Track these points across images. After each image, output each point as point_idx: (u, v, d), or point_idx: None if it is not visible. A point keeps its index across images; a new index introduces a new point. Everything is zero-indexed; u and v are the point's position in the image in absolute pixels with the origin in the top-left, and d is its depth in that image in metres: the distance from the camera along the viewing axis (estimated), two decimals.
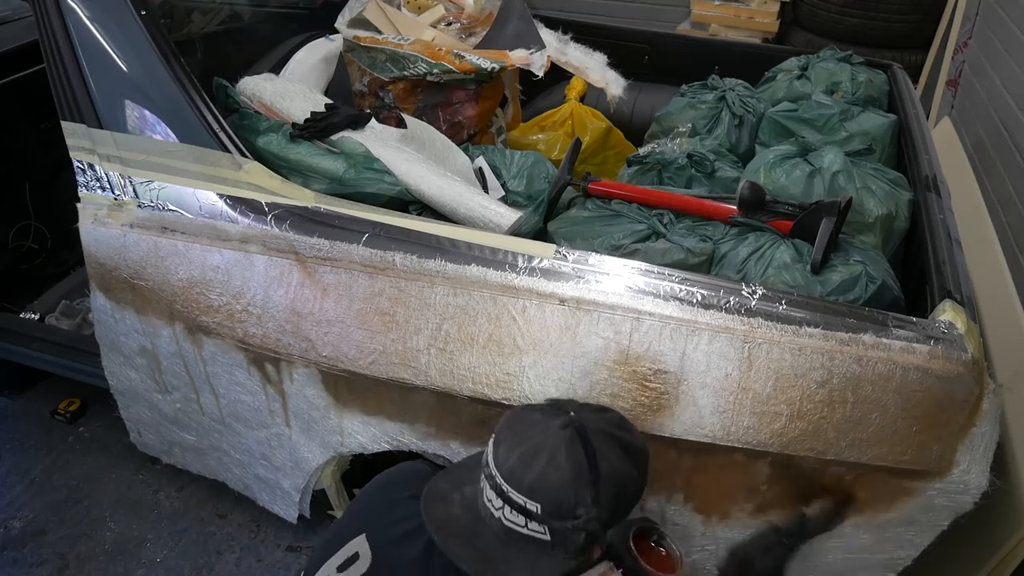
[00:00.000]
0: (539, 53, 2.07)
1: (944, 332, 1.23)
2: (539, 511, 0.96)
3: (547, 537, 0.98)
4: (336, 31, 2.19)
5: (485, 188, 1.78)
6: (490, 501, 1.00)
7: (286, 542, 2.08)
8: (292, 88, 1.78)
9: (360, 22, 2.17)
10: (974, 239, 1.91)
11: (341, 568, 1.11)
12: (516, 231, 1.53)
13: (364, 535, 1.13)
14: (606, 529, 1.01)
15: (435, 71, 1.96)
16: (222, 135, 1.50)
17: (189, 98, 1.50)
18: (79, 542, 2.08)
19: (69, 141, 1.57)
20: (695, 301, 1.27)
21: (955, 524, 1.33)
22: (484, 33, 2.23)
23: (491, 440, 1.04)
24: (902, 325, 1.24)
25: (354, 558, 1.12)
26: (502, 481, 0.98)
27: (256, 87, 1.76)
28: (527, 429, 1.01)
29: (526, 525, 0.97)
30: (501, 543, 1.00)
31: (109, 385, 1.85)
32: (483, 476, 1.02)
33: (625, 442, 1.03)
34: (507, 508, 0.98)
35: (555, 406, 1.06)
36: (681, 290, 1.28)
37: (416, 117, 1.96)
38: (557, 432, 0.99)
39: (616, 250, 1.55)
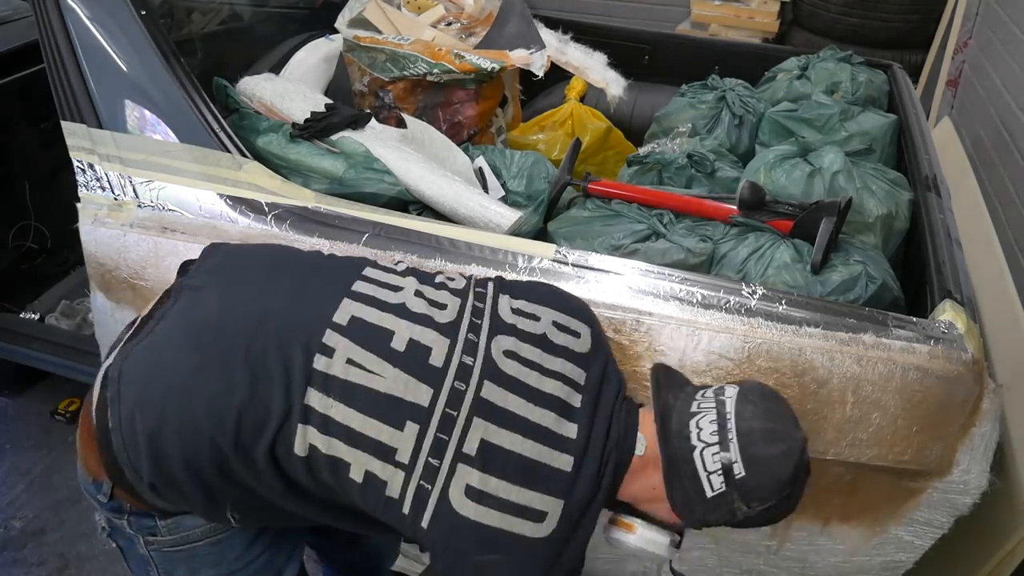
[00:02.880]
0: (539, 53, 2.07)
1: (944, 332, 1.23)
2: (739, 478, 0.96)
3: (711, 494, 0.97)
4: (336, 31, 2.19)
5: (485, 188, 1.78)
6: (700, 429, 0.99)
7: None
8: (292, 88, 1.78)
9: (360, 22, 2.17)
10: (974, 239, 1.91)
11: (559, 327, 1.10)
12: (516, 231, 1.53)
13: (591, 331, 1.13)
14: (735, 527, 1.02)
15: (435, 71, 1.96)
16: (222, 135, 1.50)
17: (189, 98, 1.50)
18: (79, 542, 2.08)
19: (69, 141, 1.57)
20: (695, 301, 1.27)
21: (955, 524, 1.33)
22: (484, 33, 2.23)
23: (734, 389, 1.03)
24: (902, 325, 1.24)
25: (576, 334, 1.11)
26: (733, 431, 0.97)
27: (256, 87, 1.76)
28: (780, 415, 1.01)
29: (712, 473, 0.97)
30: (672, 464, 1.00)
31: None
32: (706, 407, 1.01)
33: (803, 488, 1.04)
34: (715, 449, 0.97)
35: (798, 421, 1.05)
36: (681, 290, 1.28)
37: (416, 117, 1.96)
38: (799, 440, 0.99)
39: (616, 250, 1.55)
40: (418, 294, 1.08)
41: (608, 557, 1.53)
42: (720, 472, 0.97)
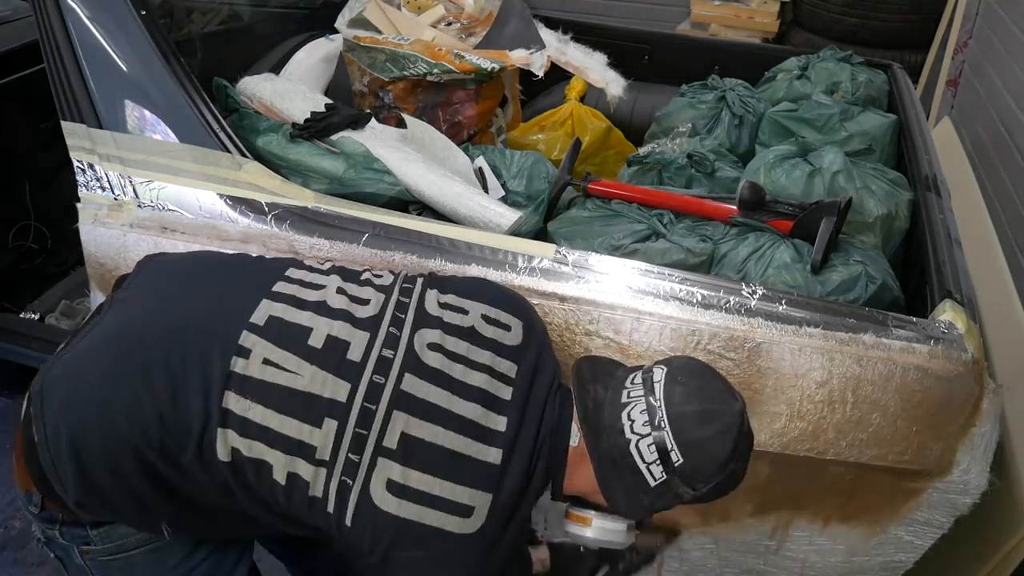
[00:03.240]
0: (539, 53, 2.07)
1: (944, 332, 1.23)
2: (678, 464, 0.96)
3: (653, 484, 0.97)
4: (336, 31, 2.19)
5: (485, 188, 1.78)
6: (632, 421, 0.98)
7: None
8: (292, 88, 1.78)
9: (360, 22, 2.17)
10: (974, 239, 1.91)
11: (489, 321, 1.09)
12: (516, 231, 1.53)
13: (523, 325, 1.12)
14: (688, 504, 1.02)
15: (435, 71, 1.96)
16: (222, 135, 1.50)
17: (189, 98, 1.50)
18: None
19: (69, 141, 1.57)
20: (695, 301, 1.27)
21: (955, 524, 1.33)
22: (484, 33, 2.23)
23: (662, 371, 1.01)
24: (902, 325, 1.24)
25: (506, 327, 1.10)
26: (665, 419, 0.96)
27: (256, 87, 1.76)
28: (712, 392, 1.00)
29: (651, 464, 0.96)
30: (611, 460, 0.99)
31: None
32: (635, 396, 1.00)
33: (749, 457, 1.04)
34: (648, 440, 0.96)
35: (733, 390, 1.04)
36: (681, 290, 1.28)
37: (416, 117, 1.96)
38: (737, 414, 0.99)
39: (616, 250, 1.55)
40: (340, 291, 1.08)
41: None
42: (658, 462, 0.96)
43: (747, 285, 1.29)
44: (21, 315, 2.32)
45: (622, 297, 1.28)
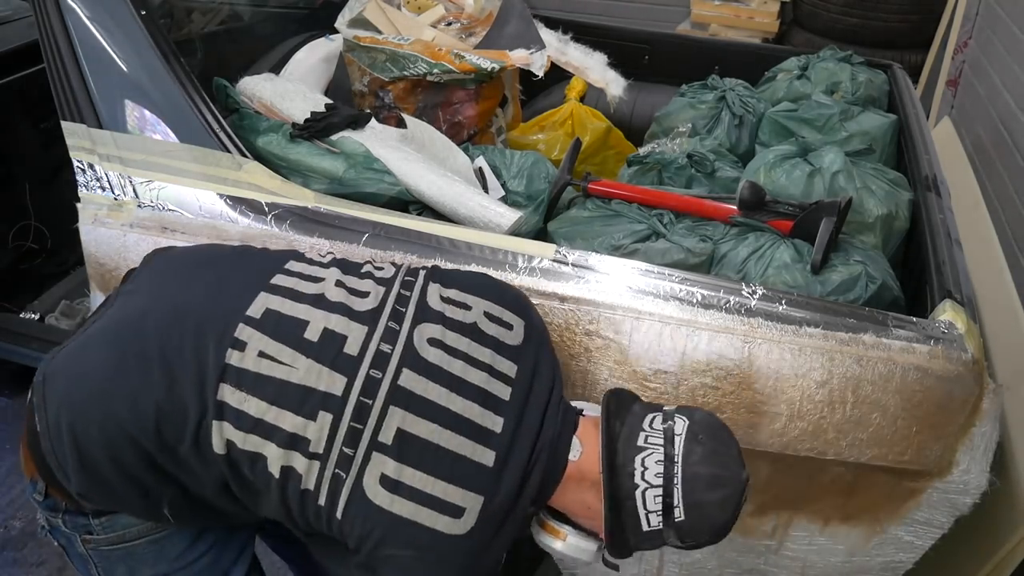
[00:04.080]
0: (539, 53, 2.07)
1: (944, 332, 1.23)
2: (678, 521, 0.96)
3: (647, 529, 0.98)
4: (336, 31, 2.19)
5: (485, 188, 1.78)
6: (644, 469, 0.98)
7: None
8: (292, 88, 1.78)
9: (360, 22, 2.17)
10: (974, 239, 1.91)
11: (491, 318, 1.08)
12: (516, 231, 1.53)
13: (524, 324, 1.11)
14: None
15: (435, 71, 1.96)
16: (222, 135, 1.50)
17: (189, 98, 1.50)
18: None
19: (69, 141, 1.57)
20: (695, 301, 1.27)
21: (955, 524, 1.33)
22: (484, 33, 2.23)
23: (684, 424, 1.00)
24: (902, 325, 1.24)
25: (508, 326, 1.09)
26: (679, 477, 0.96)
27: (256, 87, 1.76)
28: (726, 457, 1.00)
29: (651, 512, 0.97)
30: (614, 502, 0.99)
31: None
32: (653, 444, 0.99)
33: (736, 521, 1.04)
34: (657, 492, 0.96)
35: (742, 457, 1.03)
36: (681, 290, 1.28)
37: (416, 117, 1.96)
38: (740, 484, 0.99)
39: (616, 250, 1.55)
40: (339, 284, 1.07)
41: None
42: (659, 513, 0.97)
43: (747, 285, 1.29)
44: (21, 315, 2.32)
45: (622, 297, 1.28)
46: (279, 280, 1.07)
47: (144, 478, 0.99)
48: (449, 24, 2.27)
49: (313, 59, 2.19)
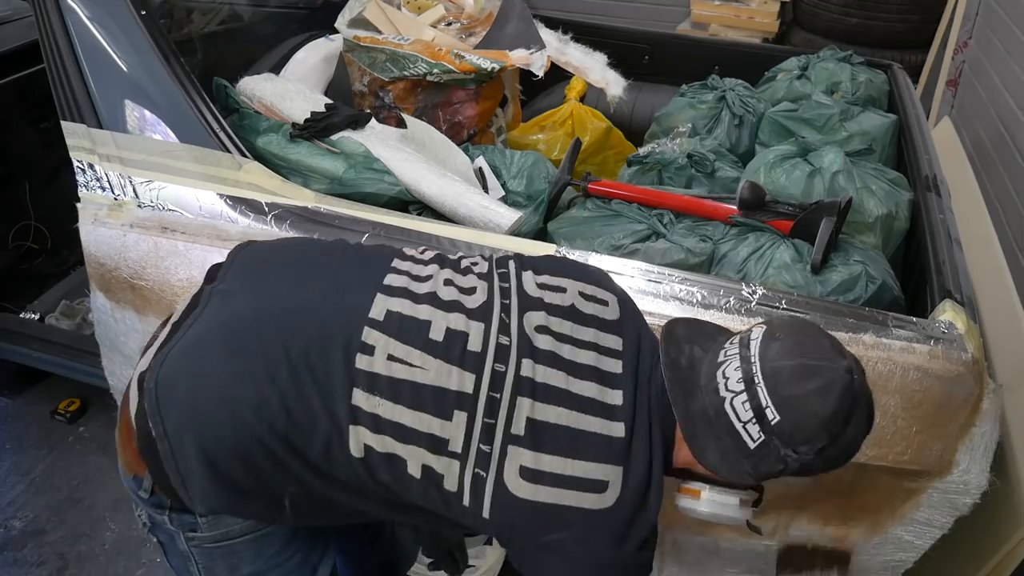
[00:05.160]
0: (539, 53, 2.07)
1: (944, 332, 1.23)
2: (774, 423, 0.91)
3: (753, 445, 0.93)
4: (336, 31, 2.19)
5: (485, 188, 1.78)
6: (726, 379, 0.95)
7: None
8: (292, 88, 1.78)
9: (360, 22, 2.17)
10: (974, 239, 1.91)
11: (586, 297, 1.08)
12: (516, 231, 1.53)
13: (618, 298, 1.11)
14: (801, 475, 0.98)
15: (435, 71, 1.96)
16: (222, 135, 1.51)
17: (189, 98, 1.50)
18: (79, 542, 2.08)
19: (69, 141, 1.57)
20: (695, 301, 1.27)
21: (955, 524, 1.33)
22: (484, 33, 2.23)
23: (761, 329, 0.97)
24: (902, 325, 1.24)
25: (603, 303, 1.09)
26: (759, 374, 0.92)
27: (256, 87, 1.76)
28: (815, 347, 0.95)
29: (747, 423, 0.93)
30: (706, 419, 0.96)
31: (109, 385, 1.85)
32: (731, 354, 0.96)
33: (872, 418, 0.99)
34: (743, 398, 0.93)
35: (841, 348, 0.98)
36: (681, 290, 1.28)
37: (416, 117, 1.96)
38: (843, 373, 0.92)
39: (616, 250, 1.55)
40: (447, 282, 1.08)
41: None
42: (754, 420, 0.92)
43: (747, 285, 1.29)
44: (21, 315, 2.32)
45: None
46: (391, 280, 1.07)
47: (273, 481, 1.00)
48: (449, 24, 2.27)
49: (313, 59, 2.19)
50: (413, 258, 1.13)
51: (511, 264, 1.13)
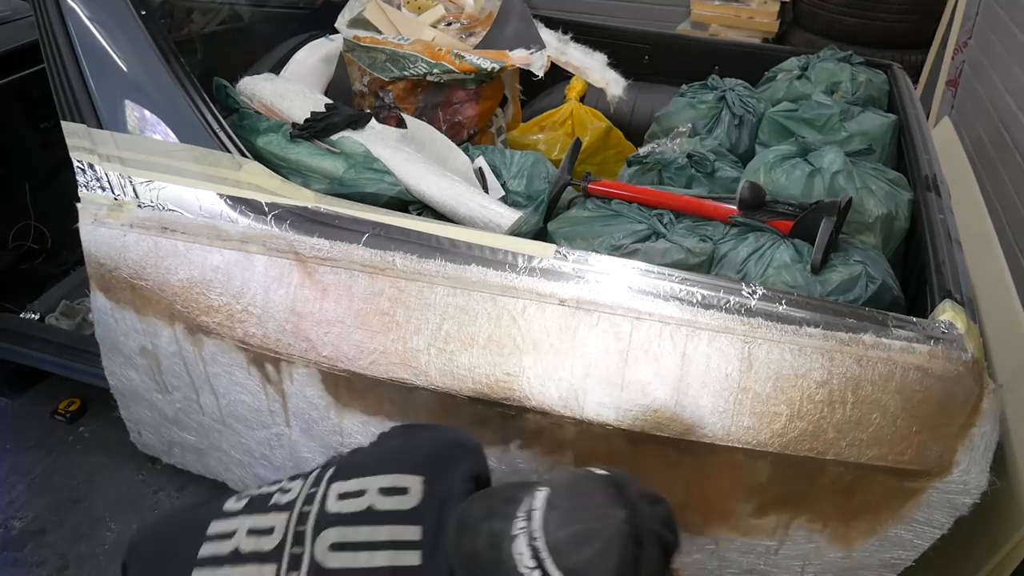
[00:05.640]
0: (539, 53, 2.07)
1: (944, 332, 1.23)
2: None
3: None
4: (336, 31, 2.19)
5: (485, 188, 1.78)
6: (520, 555, 0.96)
7: None
8: (292, 88, 1.78)
9: (360, 22, 2.17)
10: (974, 239, 1.91)
11: (386, 492, 1.09)
12: (516, 231, 1.53)
13: (422, 479, 1.11)
14: None
15: (435, 71, 1.96)
16: (222, 135, 1.50)
17: (189, 98, 1.50)
18: (79, 542, 2.08)
19: (69, 141, 1.57)
20: (695, 301, 1.27)
21: (955, 524, 1.33)
22: (484, 33, 2.23)
23: (543, 496, 0.98)
24: (902, 325, 1.24)
25: (402, 491, 1.09)
26: (543, 548, 0.94)
27: (256, 87, 1.76)
28: (587, 508, 0.97)
29: None
30: None
31: (109, 385, 1.85)
32: (520, 528, 0.97)
33: (667, 544, 1.00)
34: (538, 573, 0.94)
35: (617, 488, 0.99)
36: (681, 290, 1.28)
37: (416, 117, 1.96)
38: (617, 525, 0.94)
39: (616, 250, 1.55)
40: (250, 531, 1.11)
41: None
42: None
43: (747, 285, 1.29)
44: (21, 315, 2.32)
45: (622, 297, 1.28)
46: (204, 551, 1.12)
47: None
48: (449, 24, 2.27)
49: (313, 59, 2.19)
50: (228, 513, 1.17)
51: (324, 479, 1.15)
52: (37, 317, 2.30)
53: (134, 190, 1.55)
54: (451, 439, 1.23)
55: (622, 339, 1.28)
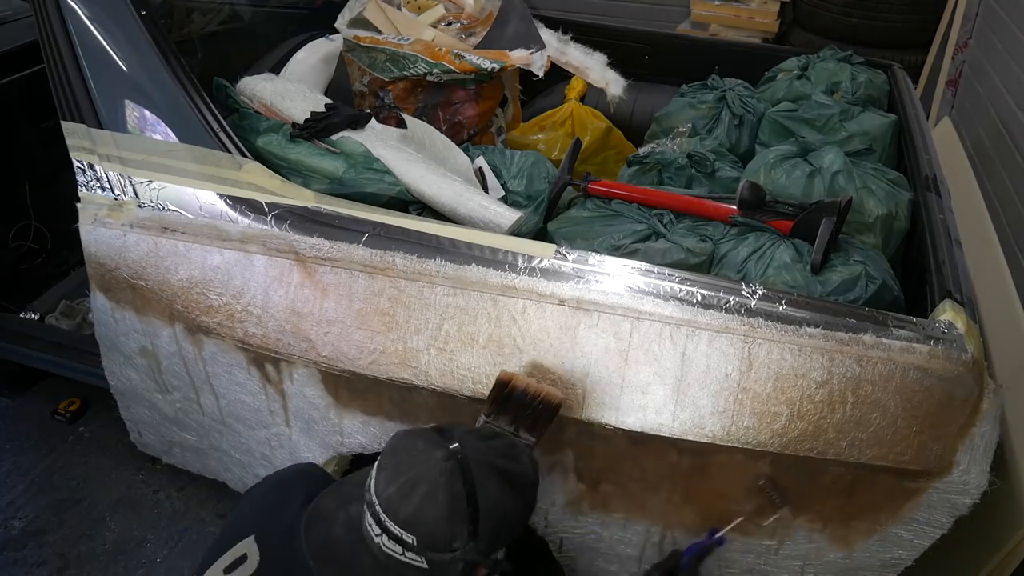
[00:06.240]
0: (539, 53, 2.07)
1: (944, 332, 1.23)
2: (415, 543, 0.96)
3: (424, 566, 0.97)
4: (336, 31, 2.19)
5: (485, 188, 1.78)
6: (370, 526, 0.99)
7: None
8: (292, 88, 1.78)
9: (360, 22, 2.17)
10: (974, 239, 1.91)
11: (228, 569, 1.09)
12: (516, 231, 1.53)
13: (253, 536, 1.12)
14: (488, 555, 1.00)
15: (435, 71, 1.96)
16: (222, 135, 1.50)
17: (189, 98, 1.50)
18: (79, 542, 2.08)
19: (69, 141, 1.57)
20: (695, 301, 1.27)
21: (955, 524, 1.33)
22: (484, 33, 2.23)
23: (375, 464, 1.02)
24: (902, 325, 1.24)
25: (242, 559, 1.10)
26: (380, 510, 0.97)
27: (256, 87, 1.76)
28: (409, 459, 1.00)
29: (403, 554, 0.97)
30: (381, 567, 0.99)
31: (109, 385, 1.85)
32: (365, 502, 1.01)
33: (510, 473, 1.02)
34: (385, 536, 0.97)
35: (441, 433, 1.03)
36: (681, 290, 1.28)
37: (416, 117, 1.96)
38: (438, 464, 0.97)
39: (616, 250, 1.55)
40: None
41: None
42: (403, 552, 0.96)
43: (747, 285, 1.29)
44: (21, 315, 2.32)
45: (622, 297, 1.28)
46: None
47: None
48: (449, 24, 2.27)
49: (313, 59, 2.19)
50: None
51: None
52: (37, 317, 2.30)
53: (134, 190, 1.55)
54: (275, 482, 1.25)
55: (622, 339, 1.28)
